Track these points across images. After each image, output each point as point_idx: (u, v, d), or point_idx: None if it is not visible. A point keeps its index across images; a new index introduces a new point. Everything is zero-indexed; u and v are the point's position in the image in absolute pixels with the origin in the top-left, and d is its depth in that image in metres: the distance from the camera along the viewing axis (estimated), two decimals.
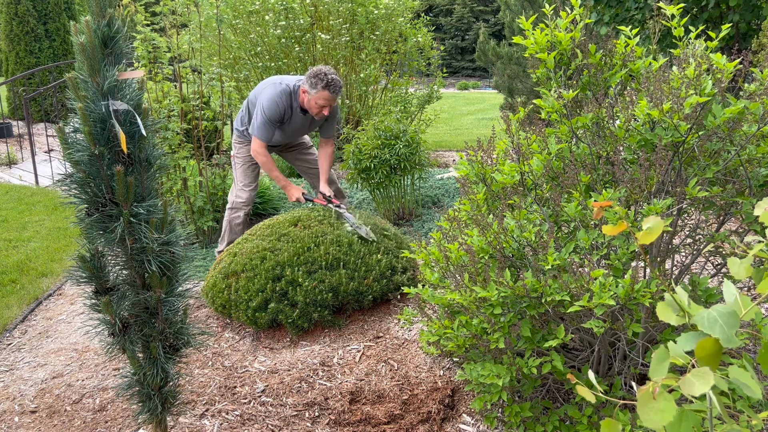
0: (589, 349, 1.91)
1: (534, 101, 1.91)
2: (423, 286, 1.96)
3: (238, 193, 3.62)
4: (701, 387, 0.68)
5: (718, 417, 0.78)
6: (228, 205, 3.65)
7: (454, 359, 2.40)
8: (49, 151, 7.18)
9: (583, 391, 0.81)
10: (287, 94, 3.40)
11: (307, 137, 3.82)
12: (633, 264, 1.67)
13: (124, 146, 1.48)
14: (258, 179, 3.73)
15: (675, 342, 0.77)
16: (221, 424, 2.13)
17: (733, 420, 0.80)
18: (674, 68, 1.74)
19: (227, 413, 2.19)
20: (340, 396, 2.24)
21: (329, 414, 2.14)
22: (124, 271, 1.67)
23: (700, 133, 1.62)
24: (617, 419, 1.56)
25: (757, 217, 1.60)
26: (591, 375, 0.84)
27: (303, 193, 3.42)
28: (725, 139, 1.64)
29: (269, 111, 3.36)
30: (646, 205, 1.53)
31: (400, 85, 7.09)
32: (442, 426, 2.06)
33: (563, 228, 1.80)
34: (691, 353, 0.76)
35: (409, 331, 2.73)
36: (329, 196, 3.34)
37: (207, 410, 2.21)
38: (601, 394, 0.82)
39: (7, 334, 2.98)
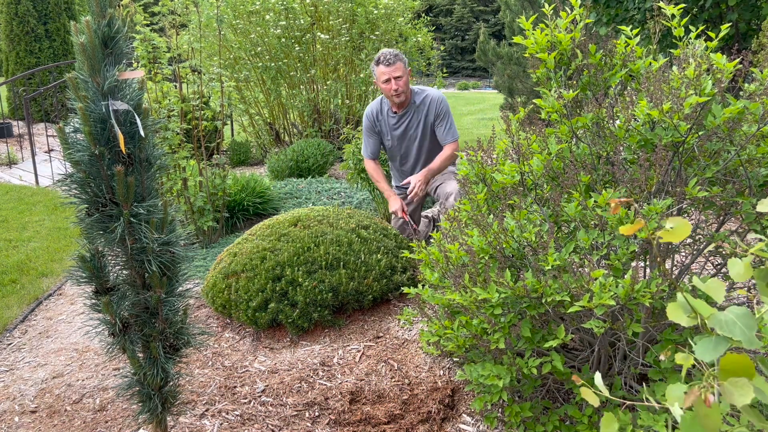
0: (589, 349, 1.91)
1: (534, 101, 1.91)
2: (423, 286, 1.96)
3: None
4: (741, 398, 0.67)
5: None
6: None
7: (454, 359, 2.40)
8: (50, 151, 7.19)
9: (586, 393, 0.80)
10: (376, 102, 3.43)
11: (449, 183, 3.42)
12: (633, 264, 1.67)
13: (122, 147, 1.48)
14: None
15: (677, 342, 0.76)
16: (221, 424, 2.13)
17: (735, 420, 0.80)
18: (674, 68, 1.74)
19: (227, 413, 2.19)
20: (340, 396, 2.24)
21: (329, 414, 2.14)
22: (124, 271, 1.67)
23: (700, 133, 1.62)
24: (618, 419, 1.56)
25: (758, 217, 1.60)
26: (597, 377, 0.83)
27: (403, 210, 3.28)
28: (725, 139, 1.64)
29: (363, 124, 3.48)
30: (646, 205, 1.53)
31: None
32: (442, 426, 2.06)
33: (563, 228, 1.80)
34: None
35: (409, 331, 2.73)
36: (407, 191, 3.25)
37: (207, 410, 2.21)
38: (603, 395, 0.82)
39: (7, 334, 2.98)
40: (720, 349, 0.73)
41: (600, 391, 0.81)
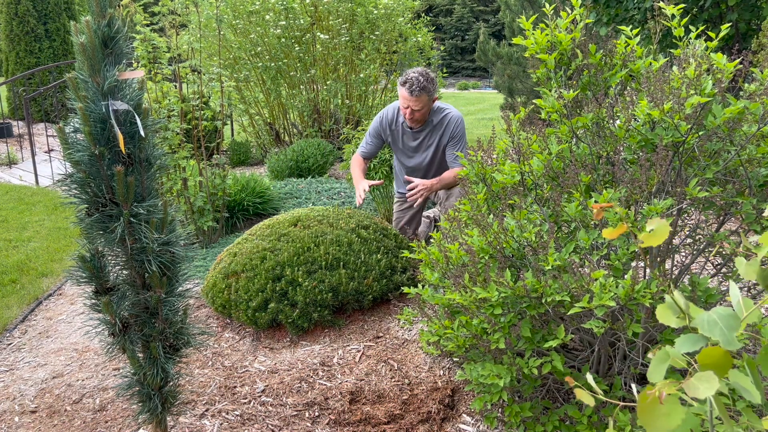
0: (589, 349, 1.91)
1: (534, 101, 1.91)
2: (423, 286, 1.96)
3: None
4: (705, 391, 0.67)
5: (718, 418, 0.77)
6: None
7: (454, 359, 2.40)
8: (49, 151, 7.19)
9: (581, 394, 0.80)
10: (393, 107, 3.31)
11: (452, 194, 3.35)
12: (633, 264, 1.67)
13: (122, 147, 1.48)
14: (398, 225, 3.60)
15: (674, 343, 0.76)
16: (221, 424, 2.13)
17: (734, 421, 0.80)
18: (674, 68, 1.74)
19: (227, 413, 2.19)
20: (340, 396, 2.24)
21: (329, 414, 2.14)
22: (124, 271, 1.67)
23: (701, 133, 1.62)
24: (617, 420, 1.56)
25: (758, 217, 1.60)
26: (589, 377, 0.83)
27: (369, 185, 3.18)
28: (725, 139, 1.64)
29: (373, 123, 3.36)
30: (647, 205, 1.53)
31: None
32: (442, 426, 2.06)
33: (563, 228, 1.80)
34: (690, 354, 0.76)
35: (409, 331, 2.73)
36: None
37: (207, 410, 2.21)
38: (600, 396, 0.81)
39: (7, 334, 2.98)
40: (696, 346, 0.73)
41: (596, 393, 0.81)
